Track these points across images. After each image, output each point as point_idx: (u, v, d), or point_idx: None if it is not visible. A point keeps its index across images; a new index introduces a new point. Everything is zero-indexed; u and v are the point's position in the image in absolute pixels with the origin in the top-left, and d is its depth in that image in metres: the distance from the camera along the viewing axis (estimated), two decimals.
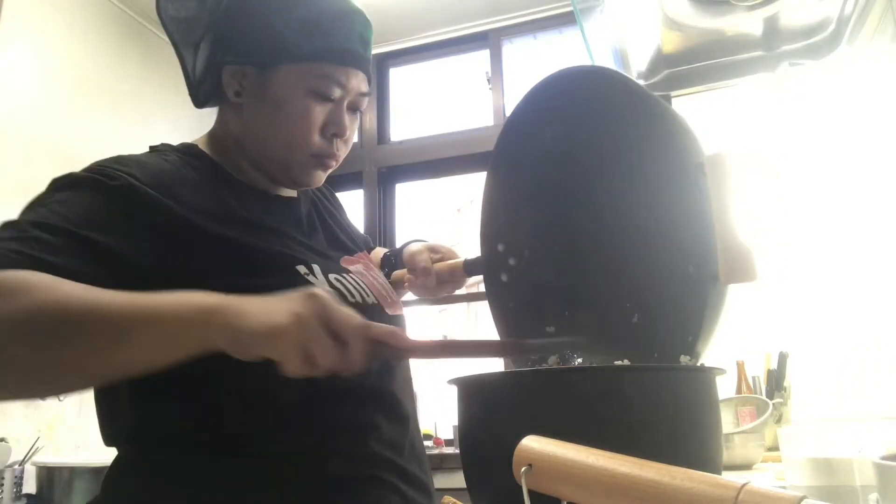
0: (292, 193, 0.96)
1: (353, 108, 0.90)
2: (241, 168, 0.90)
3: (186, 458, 0.76)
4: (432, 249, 1.05)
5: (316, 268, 0.83)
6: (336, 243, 0.98)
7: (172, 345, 0.63)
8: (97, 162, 0.77)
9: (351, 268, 0.92)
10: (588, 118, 0.86)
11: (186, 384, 0.76)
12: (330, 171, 0.91)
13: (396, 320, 0.93)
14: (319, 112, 0.85)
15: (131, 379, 0.78)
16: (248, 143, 0.89)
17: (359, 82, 0.88)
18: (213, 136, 0.93)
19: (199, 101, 0.92)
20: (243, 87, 0.87)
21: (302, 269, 0.82)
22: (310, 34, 0.84)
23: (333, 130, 0.87)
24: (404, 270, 1.06)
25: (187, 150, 0.88)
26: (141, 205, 0.74)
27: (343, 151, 0.91)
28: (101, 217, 0.71)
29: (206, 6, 0.87)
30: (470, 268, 1.01)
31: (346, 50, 0.86)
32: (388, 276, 1.07)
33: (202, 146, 0.91)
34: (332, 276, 0.85)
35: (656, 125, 0.77)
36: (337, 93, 0.86)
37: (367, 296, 0.88)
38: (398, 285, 1.07)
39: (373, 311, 0.88)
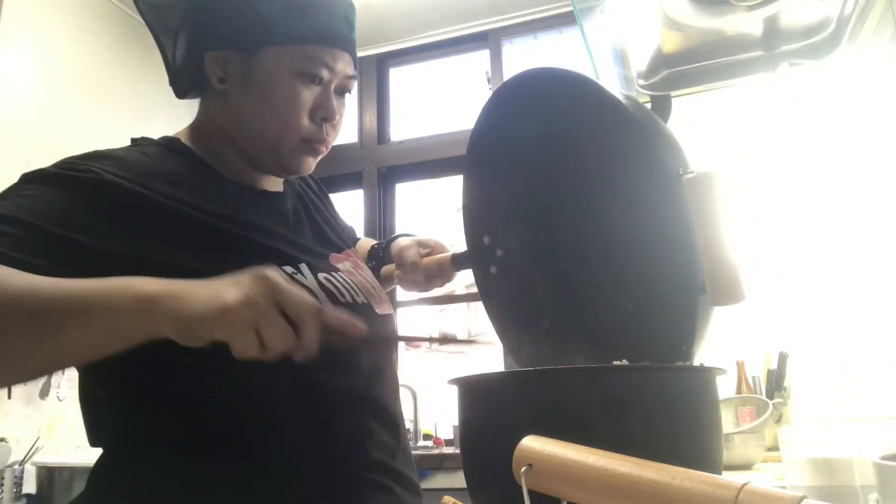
0: (278, 188, 0.94)
1: (341, 92, 0.89)
2: (226, 161, 0.88)
3: (175, 463, 0.75)
4: (421, 244, 1.03)
5: (304, 267, 0.82)
6: (323, 239, 0.96)
7: (113, 334, 0.61)
8: (68, 157, 0.76)
9: (340, 266, 0.90)
10: (563, 121, 0.85)
11: (174, 391, 0.76)
12: (320, 157, 0.90)
13: (387, 320, 0.92)
14: (308, 95, 0.84)
15: (115, 384, 0.78)
16: (235, 132, 0.87)
17: (345, 65, 0.87)
18: (195, 128, 0.90)
19: (181, 90, 0.90)
20: (227, 73, 0.85)
21: (289, 268, 0.80)
22: (294, 16, 0.83)
23: (322, 114, 0.86)
24: (393, 266, 1.04)
25: (168, 143, 0.86)
26: (109, 195, 0.73)
27: (332, 136, 0.89)
28: (65, 210, 0.70)
29: None
30: (458, 261, 0.99)
31: (332, 31, 0.85)
32: (375, 269, 1.06)
33: (184, 139, 0.88)
34: (321, 276, 0.83)
35: (629, 133, 0.76)
36: (325, 75, 0.85)
37: (358, 295, 0.87)
38: (387, 281, 1.06)
39: (364, 311, 0.87)
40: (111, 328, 0.61)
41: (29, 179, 0.73)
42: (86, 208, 0.71)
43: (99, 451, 0.81)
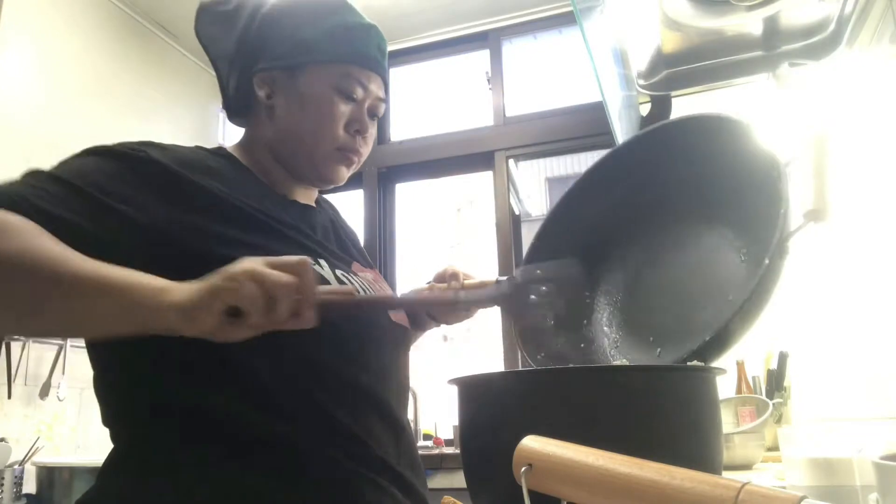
0: (311, 203, 1.00)
1: (372, 113, 0.97)
2: (266, 171, 0.95)
3: (175, 456, 0.76)
4: (465, 273, 1.10)
5: (323, 262, 0.86)
6: (348, 254, 1.00)
7: (126, 316, 0.66)
8: (126, 141, 0.83)
9: (360, 273, 0.95)
10: (707, 161, 0.93)
11: (175, 383, 0.77)
12: (353, 168, 0.97)
13: (398, 328, 0.94)
14: (344, 109, 0.93)
15: (128, 363, 0.80)
16: (277, 141, 0.94)
17: (377, 87, 0.96)
18: (241, 144, 0.98)
19: (233, 112, 0.99)
20: (273, 89, 0.94)
21: (309, 260, 0.83)
22: (335, 40, 0.93)
23: (356, 127, 0.94)
24: (424, 287, 1.09)
25: (216, 150, 0.94)
26: (159, 175, 0.79)
27: (364, 150, 0.97)
28: (117, 181, 0.77)
29: (239, 24, 0.94)
30: None
31: (367, 55, 0.94)
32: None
33: (230, 150, 0.95)
34: (339, 272, 0.87)
35: (768, 184, 0.83)
36: (359, 92, 0.94)
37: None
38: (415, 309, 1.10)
39: (378, 309, 0.90)
40: (129, 311, 0.66)
41: (90, 152, 0.80)
42: (137, 180, 0.78)
43: (102, 451, 0.81)
